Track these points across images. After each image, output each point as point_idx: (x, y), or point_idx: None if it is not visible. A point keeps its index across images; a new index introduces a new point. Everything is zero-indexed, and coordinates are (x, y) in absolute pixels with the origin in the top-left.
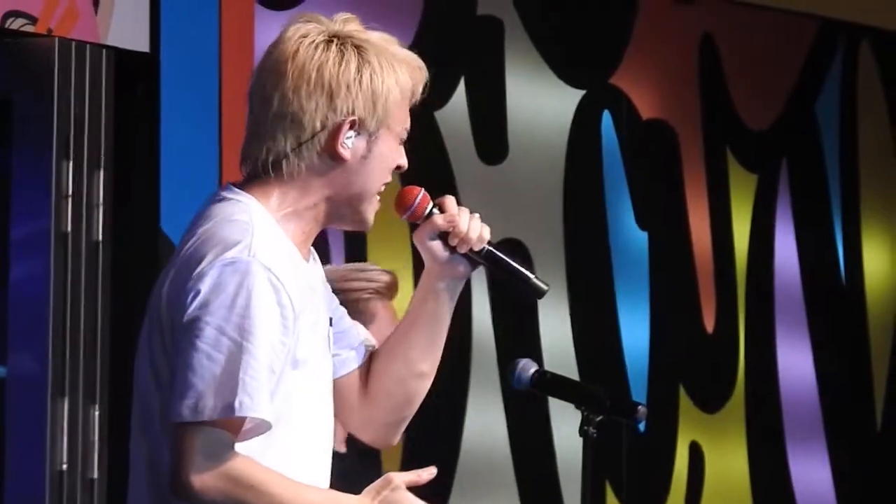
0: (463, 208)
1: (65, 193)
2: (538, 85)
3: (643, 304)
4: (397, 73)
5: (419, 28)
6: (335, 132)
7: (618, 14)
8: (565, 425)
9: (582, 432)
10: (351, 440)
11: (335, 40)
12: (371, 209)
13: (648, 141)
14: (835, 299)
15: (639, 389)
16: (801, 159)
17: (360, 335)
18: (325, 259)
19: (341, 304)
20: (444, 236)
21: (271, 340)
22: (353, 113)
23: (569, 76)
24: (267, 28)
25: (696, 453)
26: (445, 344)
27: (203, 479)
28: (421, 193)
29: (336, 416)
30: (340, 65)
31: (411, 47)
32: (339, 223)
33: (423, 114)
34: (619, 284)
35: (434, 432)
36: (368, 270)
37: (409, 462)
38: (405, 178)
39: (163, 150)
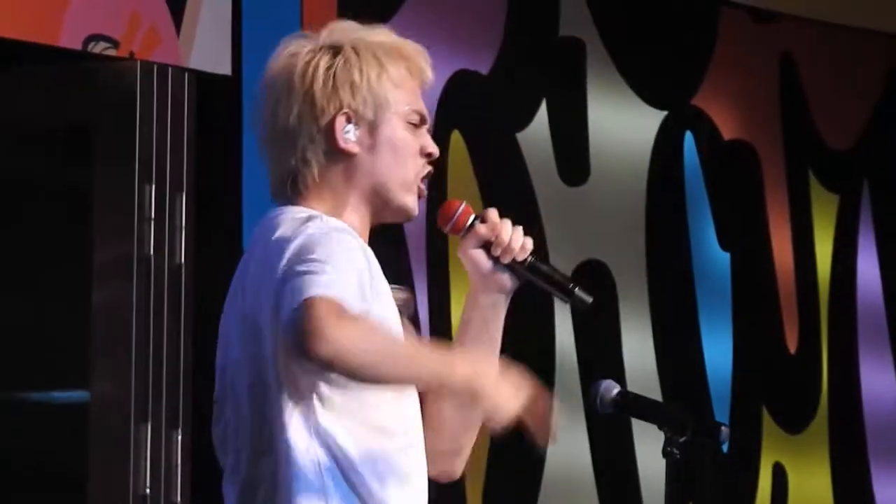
0: (505, 219)
1: (147, 216)
2: (620, 106)
3: (726, 324)
4: (380, 58)
5: (500, 49)
6: (330, 130)
7: (699, 34)
8: (648, 446)
9: (665, 453)
10: None
11: (305, 50)
12: (407, 197)
13: (730, 161)
14: None
15: (722, 410)
16: (882, 179)
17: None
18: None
19: None
20: (487, 247)
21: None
22: (341, 107)
23: (650, 97)
24: None
25: (779, 474)
26: (530, 365)
27: (335, 325)
28: (462, 205)
29: None
30: (311, 66)
31: (493, 69)
32: (382, 217)
33: (505, 136)
34: (701, 305)
35: (516, 456)
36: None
37: (493, 487)
38: (487, 196)
39: (245, 172)
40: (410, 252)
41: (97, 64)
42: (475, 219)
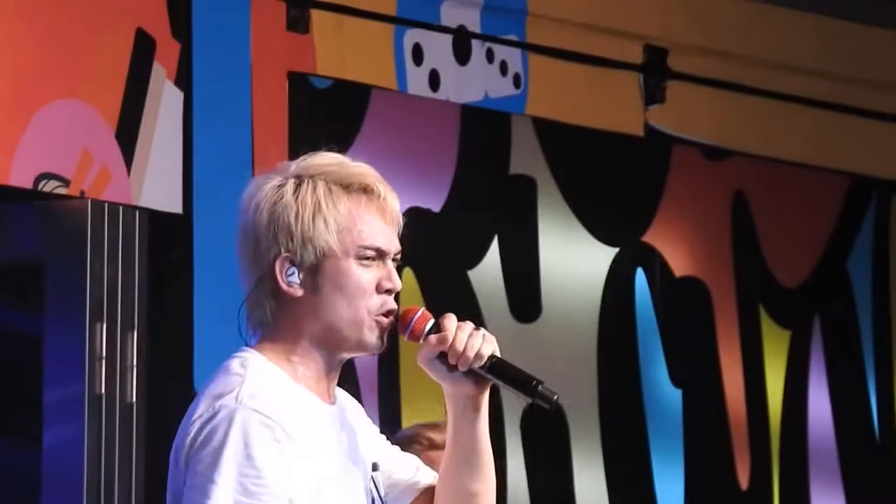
0: (462, 324)
1: (98, 355)
2: (571, 243)
3: (678, 460)
4: (318, 202)
5: (452, 187)
6: (272, 275)
7: (650, 171)
8: None
9: None
10: None
11: (256, 194)
12: (362, 331)
13: (682, 298)
14: (869, 455)
15: None
16: (833, 315)
17: (414, 463)
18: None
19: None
20: (443, 356)
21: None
22: (279, 251)
23: (602, 234)
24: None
25: None
26: None
27: None
28: (419, 312)
29: None
30: (258, 211)
31: (445, 206)
32: (341, 354)
33: (457, 272)
34: (653, 441)
35: None
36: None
37: None
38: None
39: (196, 311)
40: (359, 376)
41: (48, 202)
42: (433, 325)
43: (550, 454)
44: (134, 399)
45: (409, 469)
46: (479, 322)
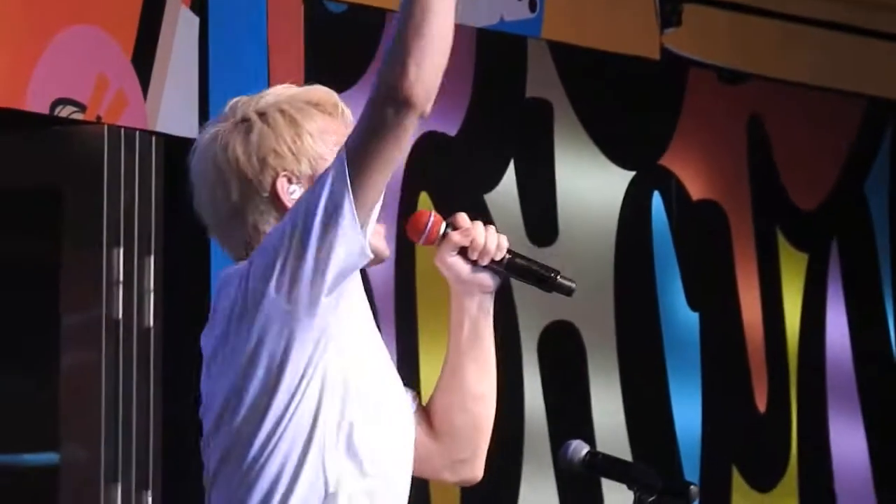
0: (477, 221)
1: (116, 280)
2: (588, 167)
3: (695, 384)
4: (291, 116)
5: (468, 111)
6: (276, 198)
7: (666, 95)
8: None
9: None
10: None
11: (220, 132)
12: (371, 238)
13: (699, 221)
14: (886, 376)
15: (691, 469)
16: (851, 238)
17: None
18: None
19: None
20: (463, 252)
21: None
22: (276, 173)
23: (618, 157)
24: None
25: None
26: (497, 425)
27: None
28: (432, 215)
29: (421, 472)
30: (231, 147)
31: (461, 131)
32: None
33: (474, 196)
34: (670, 365)
35: None
36: None
37: None
38: None
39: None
40: (377, 299)
41: (64, 128)
42: (447, 227)
43: (567, 378)
44: (151, 324)
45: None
46: None
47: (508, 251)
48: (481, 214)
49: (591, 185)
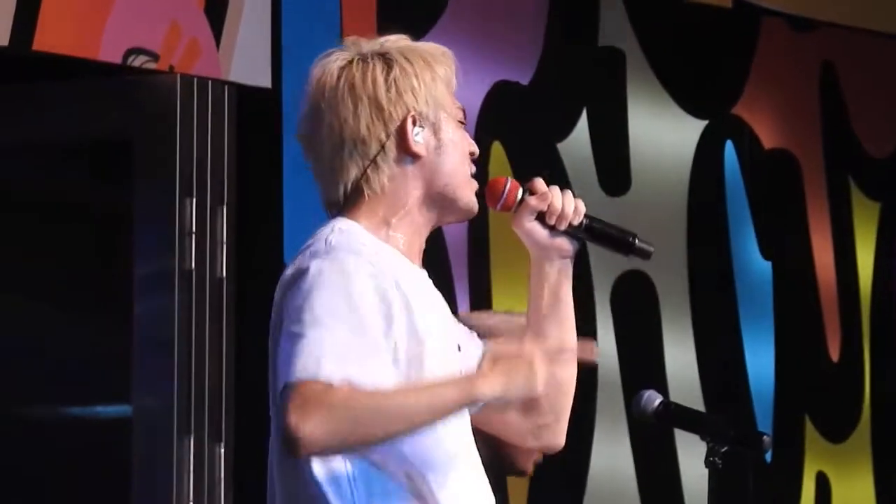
0: (553, 186)
1: (188, 231)
2: (660, 116)
3: (768, 333)
4: (429, 62)
5: (540, 60)
6: (402, 134)
7: (739, 44)
8: (691, 456)
9: (708, 463)
10: None
11: (355, 59)
12: (470, 193)
13: (771, 171)
14: None
15: (764, 420)
16: None
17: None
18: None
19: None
20: (541, 217)
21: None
22: (408, 110)
23: (691, 106)
24: None
25: (822, 483)
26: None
27: (306, 424)
28: (509, 181)
29: (507, 437)
30: (371, 74)
31: (533, 80)
32: (445, 217)
33: (546, 145)
34: (743, 314)
35: (560, 465)
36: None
37: (537, 497)
38: None
39: (285, 186)
40: (450, 254)
41: (137, 77)
42: (524, 192)
43: (641, 328)
44: (224, 274)
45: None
46: None
47: (586, 216)
48: (555, 164)
49: (663, 133)
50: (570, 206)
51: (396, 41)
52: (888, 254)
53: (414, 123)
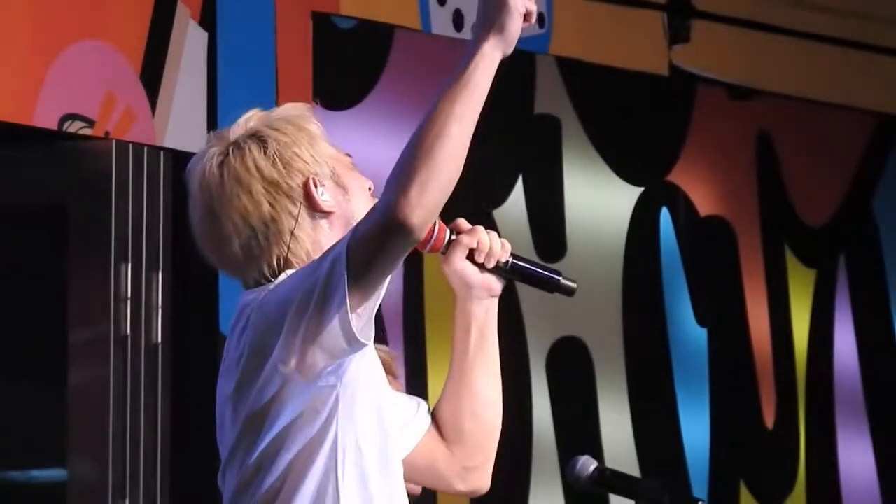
0: (476, 226)
1: (123, 296)
2: (596, 182)
3: (703, 400)
4: (297, 124)
5: (477, 126)
6: (308, 199)
7: (675, 111)
8: None
9: None
10: None
11: (230, 150)
12: None
13: (707, 237)
14: (895, 394)
15: (700, 485)
16: (859, 254)
17: (415, 402)
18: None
19: None
20: (470, 256)
21: None
22: (304, 175)
23: (626, 173)
24: (325, 129)
25: None
26: (505, 440)
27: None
28: (437, 223)
29: (433, 484)
30: (251, 158)
31: (469, 146)
32: None
33: (482, 212)
34: (678, 380)
35: None
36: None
37: None
38: None
39: None
40: (385, 315)
41: (73, 143)
42: (451, 233)
43: (575, 392)
44: (159, 340)
45: (412, 408)
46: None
47: (512, 254)
48: (491, 230)
49: (599, 200)
50: (497, 243)
51: (257, 117)
52: (823, 321)
53: (315, 185)
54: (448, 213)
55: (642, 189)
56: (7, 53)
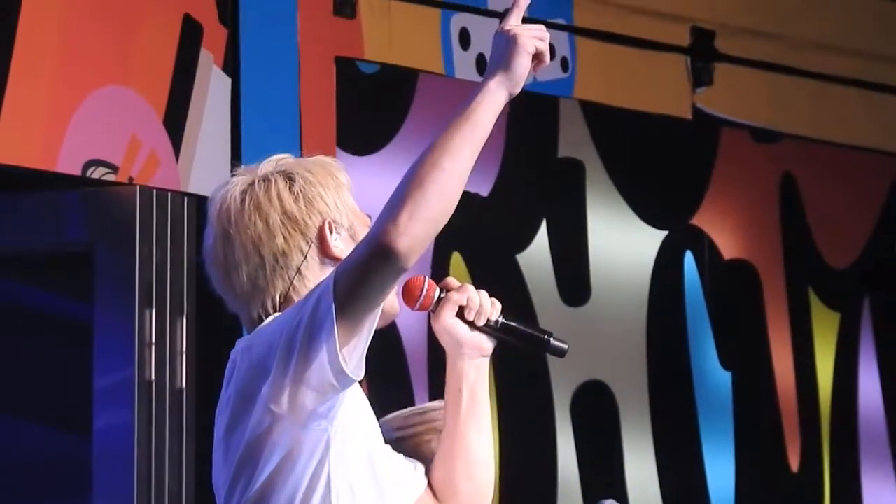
0: (466, 283)
1: (148, 342)
2: (620, 226)
3: (728, 443)
4: (328, 170)
5: (500, 171)
6: (321, 240)
7: (698, 154)
8: None
9: None
10: None
11: (256, 180)
12: (392, 296)
13: (731, 281)
14: None
15: None
16: (883, 297)
17: (411, 464)
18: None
19: (406, 449)
20: (460, 314)
21: None
22: (322, 217)
23: (650, 217)
24: (349, 175)
25: None
26: (532, 485)
27: (391, 222)
28: (427, 281)
29: None
30: (275, 189)
31: (493, 191)
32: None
33: (506, 256)
34: (703, 424)
35: None
36: (429, 412)
37: None
38: None
39: None
40: (407, 353)
41: (96, 189)
42: (441, 291)
43: (601, 438)
44: (184, 385)
45: (409, 467)
46: (529, 306)
47: (502, 313)
48: (514, 275)
49: (623, 244)
50: (487, 301)
51: (289, 158)
52: (848, 364)
53: (331, 230)
54: (471, 257)
55: (666, 233)
56: (32, 99)
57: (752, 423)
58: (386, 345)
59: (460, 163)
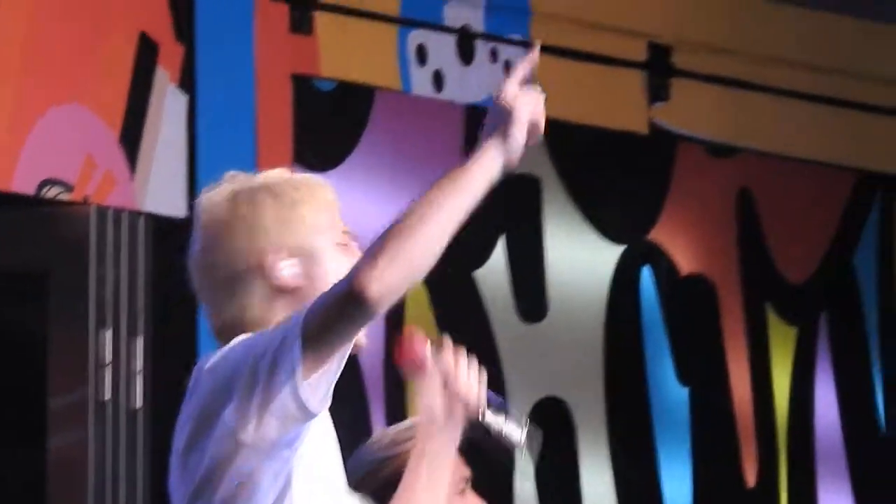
0: (459, 359)
1: (103, 362)
2: (577, 242)
3: (685, 459)
4: (312, 188)
5: None
6: (271, 269)
7: (656, 169)
8: None
9: None
10: None
11: (243, 190)
12: None
13: (688, 296)
14: (876, 450)
15: None
16: (840, 311)
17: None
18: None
19: (397, 468)
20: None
21: None
22: (276, 244)
23: (608, 232)
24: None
25: None
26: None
27: (365, 272)
28: (427, 347)
29: None
30: (260, 202)
31: None
32: None
33: (463, 273)
34: (660, 439)
35: None
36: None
37: None
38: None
39: (201, 316)
40: (365, 377)
41: (51, 209)
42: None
43: (557, 453)
44: (139, 405)
45: None
46: (485, 323)
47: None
48: (471, 292)
49: (580, 260)
50: (472, 392)
51: (277, 174)
52: (805, 378)
53: (289, 254)
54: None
55: (624, 247)
56: None
57: (709, 438)
58: (344, 371)
59: (445, 220)
